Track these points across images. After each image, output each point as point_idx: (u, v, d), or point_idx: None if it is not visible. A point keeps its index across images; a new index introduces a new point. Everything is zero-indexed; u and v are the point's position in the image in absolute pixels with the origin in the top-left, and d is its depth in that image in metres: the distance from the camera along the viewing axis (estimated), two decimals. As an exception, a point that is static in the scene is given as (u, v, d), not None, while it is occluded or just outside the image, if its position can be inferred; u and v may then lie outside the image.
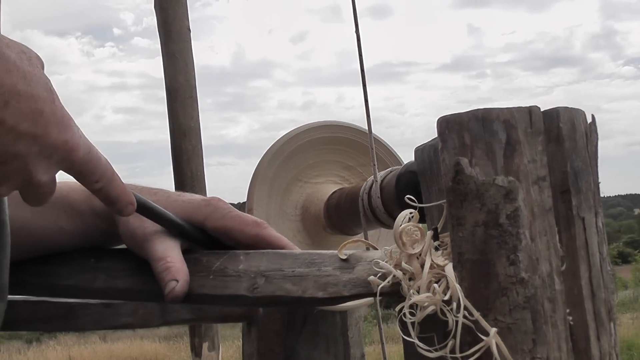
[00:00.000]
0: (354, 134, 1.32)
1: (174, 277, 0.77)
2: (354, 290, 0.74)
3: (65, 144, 0.63)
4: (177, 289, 0.77)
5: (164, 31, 2.96)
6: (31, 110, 0.60)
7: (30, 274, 0.90)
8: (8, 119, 0.58)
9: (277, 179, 1.29)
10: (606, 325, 0.72)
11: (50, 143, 0.62)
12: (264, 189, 1.27)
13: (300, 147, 1.29)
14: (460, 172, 0.68)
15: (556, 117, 0.73)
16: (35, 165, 0.62)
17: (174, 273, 0.78)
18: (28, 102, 0.60)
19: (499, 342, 0.65)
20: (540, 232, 0.68)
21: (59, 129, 0.62)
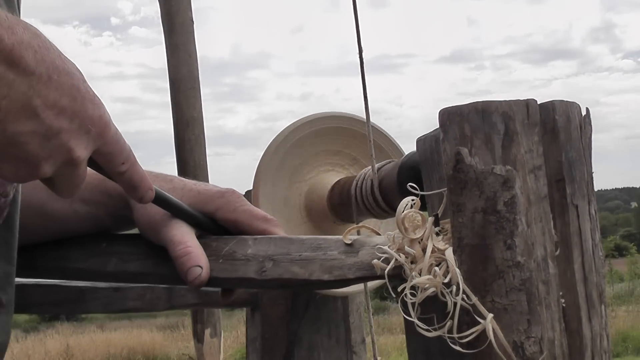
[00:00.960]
0: (359, 126, 1.35)
1: (197, 263, 0.79)
2: (359, 273, 0.77)
3: (100, 120, 0.64)
4: (202, 275, 0.79)
5: (168, 23, 2.99)
6: (69, 85, 0.61)
7: (42, 258, 0.91)
8: (51, 94, 0.59)
9: (283, 167, 1.32)
10: (597, 308, 0.76)
11: (88, 118, 0.63)
12: (269, 177, 1.30)
13: (306, 137, 1.32)
14: (460, 161, 0.72)
15: (552, 109, 0.77)
16: (76, 141, 0.62)
17: (195, 259, 0.79)
18: (66, 78, 0.60)
19: (494, 327, 0.68)
20: (536, 219, 0.72)
21: (94, 104, 0.63)
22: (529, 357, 0.69)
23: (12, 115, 0.57)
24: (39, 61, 0.58)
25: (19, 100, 0.57)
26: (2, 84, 0.56)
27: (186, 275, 0.79)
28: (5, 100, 0.56)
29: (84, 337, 15.83)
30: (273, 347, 1.37)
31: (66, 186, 0.67)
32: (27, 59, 0.57)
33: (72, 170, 0.64)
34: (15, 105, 0.57)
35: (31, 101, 0.58)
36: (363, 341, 1.43)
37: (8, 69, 0.56)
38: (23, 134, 0.58)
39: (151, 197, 0.75)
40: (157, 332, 16.65)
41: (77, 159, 0.63)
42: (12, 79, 0.56)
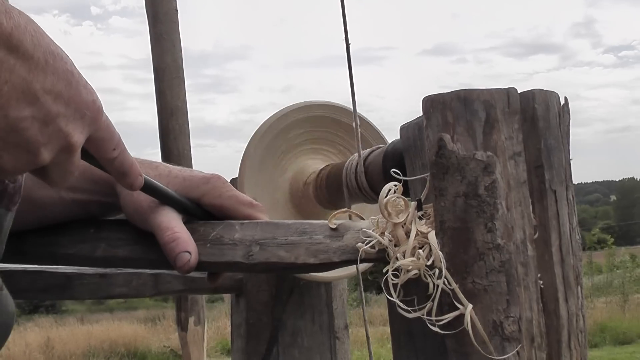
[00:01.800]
0: (342, 114, 1.37)
1: (185, 249, 0.80)
2: (344, 256, 0.79)
3: (94, 104, 0.64)
4: (192, 260, 0.80)
5: (152, 12, 3.00)
6: (64, 70, 0.60)
7: (32, 244, 0.92)
8: (48, 78, 0.59)
9: (268, 154, 1.34)
10: (574, 289, 0.78)
11: (83, 103, 0.62)
12: (254, 164, 1.31)
13: (292, 124, 1.34)
14: (443, 147, 0.74)
15: (532, 98, 0.79)
16: (73, 125, 0.62)
17: (183, 245, 0.80)
18: (61, 62, 0.60)
19: (473, 317, 0.71)
20: (516, 203, 0.75)
21: (87, 90, 0.63)
22: (508, 335, 0.71)
23: (13, 101, 0.57)
24: (36, 45, 0.58)
25: (19, 85, 0.57)
26: (3, 68, 0.56)
27: (175, 260, 0.80)
28: (7, 85, 0.56)
29: (64, 330, 15.74)
30: (257, 333, 1.38)
31: (61, 174, 0.66)
32: (26, 44, 0.57)
33: (68, 157, 0.64)
34: (16, 91, 0.57)
35: (31, 86, 0.58)
36: (346, 327, 1.45)
37: (8, 54, 0.56)
38: (24, 119, 0.58)
39: (141, 183, 0.74)
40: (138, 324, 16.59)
41: (74, 144, 0.63)
42: (12, 63, 0.56)
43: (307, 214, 1.35)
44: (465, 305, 0.71)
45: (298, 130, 1.35)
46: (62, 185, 0.68)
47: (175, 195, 0.84)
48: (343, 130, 1.38)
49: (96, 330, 15.53)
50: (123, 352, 14.00)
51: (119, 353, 13.94)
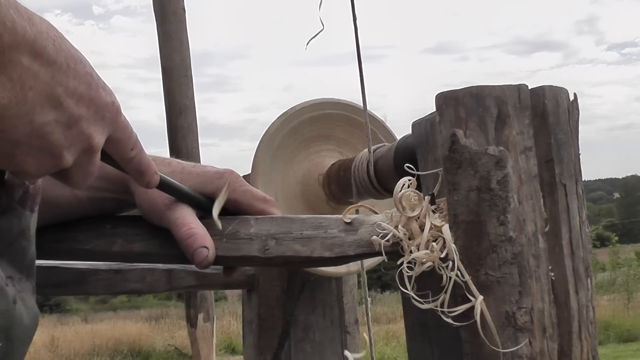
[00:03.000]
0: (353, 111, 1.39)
1: (203, 244, 0.81)
2: (359, 250, 0.81)
3: (113, 105, 0.65)
4: (210, 256, 0.81)
5: (160, 11, 3.02)
6: (84, 73, 0.61)
7: (48, 240, 0.93)
8: (71, 82, 0.60)
9: (280, 151, 1.35)
10: (584, 281, 0.80)
11: (103, 104, 0.63)
12: (266, 160, 1.33)
13: (302, 122, 1.36)
14: (455, 142, 0.76)
15: (542, 94, 0.81)
16: (94, 127, 0.63)
17: (200, 240, 0.81)
18: (81, 66, 0.61)
19: (483, 309, 0.72)
20: (527, 197, 0.76)
21: (105, 91, 0.64)
22: (520, 326, 0.73)
23: (38, 106, 0.58)
24: (58, 50, 0.59)
25: (43, 90, 0.58)
26: (28, 75, 0.57)
27: (193, 256, 0.81)
28: (32, 91, 0.57)
29: (68, 329, 15.78)
30: (269, 328, 1.40)
31: (81, 176, 0.67)
32: (49, 49, 0.58)
33: (89, 158, 0.65)
34: (41, 96, 0.58)
35: (54, 90, 0.59)
36: (356, 322, 1.47)
37: (33, 60, 0.57)
38: (48, 124, 0.59)
39: (157, 181, 0.75)
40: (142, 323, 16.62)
41: (95, 145, 0.64)
42: (37, 69, 0.57)
43: (318, 210, 1.37)
44: (477, 296, 0.73)
45: (309, 127, 1.37)
46: (82, 187, 0.69)
47: (189, 192, 0.85)
48: (354, 128, 1.40)
49: (100, 329, 15.56)
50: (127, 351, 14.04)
51: (123, 352, 13.98)
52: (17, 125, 0.58)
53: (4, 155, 0.59)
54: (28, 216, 0.71)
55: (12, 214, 0.68)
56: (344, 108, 1.39)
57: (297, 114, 1.36)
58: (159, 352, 13.96)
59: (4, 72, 0.56)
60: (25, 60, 0.56)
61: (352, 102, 1.39)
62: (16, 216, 0.69)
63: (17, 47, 0.56)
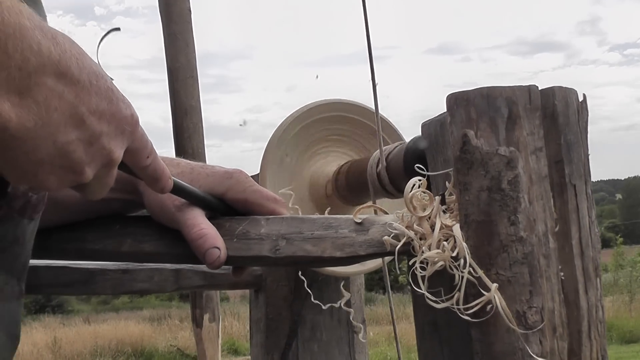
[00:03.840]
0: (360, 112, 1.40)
1: (214, 245, 0.81)
2: (369, 250, 0.81)
3: (132, 118, 0.65)
4: (221, 256, 0.81)
5: (166, 12, 3.03)
6: (105, 88, 0.62)
7: (57, 240, 0.93)
8: (93, 100, 0.60)
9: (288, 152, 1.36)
10: (593, 280, 0.81)
11: (123, 118, 0.64)
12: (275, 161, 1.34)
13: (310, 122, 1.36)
14: (467, 142, 0.76)
15: (552, 95, 0.82)
16: (114, 142, 0.63)
17: (211, 241, 0.81)
18: (102, 81, 0.61)
19: (498, 297, 0.73)
20: (537, 197, 0.77)
21: (125, 104, 0.64)
22: (531, 325, 0.74)
23: (62, 126, 0.58)
24: (81, 69, 0.59)
25: (67, 110, 0.58)
26: (53, 96, 0.57)
27: (204, 257, 0.81)
28: (56, 112, 0.57)
29: (70, 330, 15.78)
30: (277, 327, 1.41)
31: (99, 187, 0.67)
32: (73, 68, 0.58)
33: (108, 171, 0.66)
34: (65, 116, 0.58)
35: (78, 109, 0.59)
36: (364, 321, 1.48)
37: (58, 81, 0.57)
38: (71, 143, 0.59)
39: (171, 186, 0.76)
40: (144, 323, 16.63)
41: (116, 159, 0.65)
42: (61, 90, 0.57)
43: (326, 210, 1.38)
44: (490, 286, 0.73)
45: (318, 128, 1.38)
46: (99, 197, 0.69)
47: (200, 194, 0.85)
48: (362, 128, 1.41)
49: (103, 329, 15.57)
50: (130, 352, 14.04)
51: (126, 352, 13.99)
52: (40, 145, 0.58)
53: (26, 173, 0.60)
54: (25, 224, 0.71)
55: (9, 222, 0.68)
56: (351, 108, 1.40)
57: (304, 115, 1.37)
58: (161, 353, 13.97)
59: (30, 94, 0.56)
60: (51, 81, 0.56)
61: (360, 102, 1.39)
62: (13, 224, 0.69)
63: (42, 69, 0.56)
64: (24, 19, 0.55)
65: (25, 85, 0.55)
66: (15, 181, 0.61)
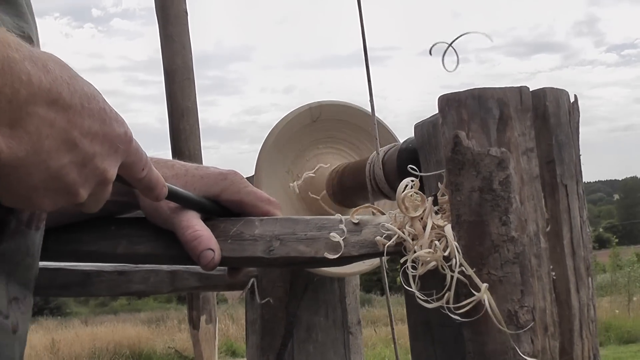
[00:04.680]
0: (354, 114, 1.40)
1: (208, 246, 0.82)
2: (362, 250, 0.82)
3: (126, 136, 0.66)
4: (215, 258, 0.82)
5: (162, 14, 3.04)
6: (98, 110, 0.62)
7: (53, 241, 0.93)
8: (86, 122, 0.60)
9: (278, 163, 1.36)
10: (585, 280, 0.81)
11: (116, 137, 0.64)
12: (269, 164, 1.34)
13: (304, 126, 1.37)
14: (458, 143, 0.77)
15: (543, 96, 0.82)
16: (108, 161, 0.64)
17: (206, 242, 0.82)
18: (94, 102, 0.61)
19: (488, 297, 0.74)
20: (529, 197, 0.77)
21: (118, 122, 0.65)
22: (522, 324, 0.74)
23: (54, 152, 0.58)
24: (72, 93, 0.59)
25: (59, 136, 0.58)
26: (44, 124, 0.57)
27: (199, 258, 0.82)
28: (48, 140, 0.57)
29: (69, 332, 15.76)
30: (272, 328, 1.41)
31: (94, 203, 0.68)
32: (64, 94, 0.58)
33: (103, 189, 0.66)
34: (57, 142, 0.58)
35: (70, 134, 0.59)
36: (359, 322, 1.48)
37: (49, 109, 0.57)
38: (64, 167, 0.60)
39: (165, 193, 0.76)
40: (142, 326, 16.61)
41: (110, 178, 0.65)
42: (53, 117, 0.57)
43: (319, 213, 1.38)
44: (481, 286, 0.74)
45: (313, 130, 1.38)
46: (95, 211, 0.70)
47: (195, 198, 0.85)
48: (356, 130, 1.41)
49: (101, 332, 15.55)
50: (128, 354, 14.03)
51: (124, 354, 13.97)
52: (33, 172, 0.58)
53: (21, 198, 0.60)
54: (33, 234, 0.72)
55: (20, 235, 0.69)
56: (346, 110, 1.41)
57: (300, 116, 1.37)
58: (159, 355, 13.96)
59: (21, 125, 0.56)
60: (42, 110, 0.57)
61: (356, 105, 1.40)
62: (23, 237, 0.69)
63: (33, 100, 0.56)
64: (12, 51, 0.55)
65: (16, 117, 0.55)
66: (9, 205, 0.62)
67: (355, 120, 1.42)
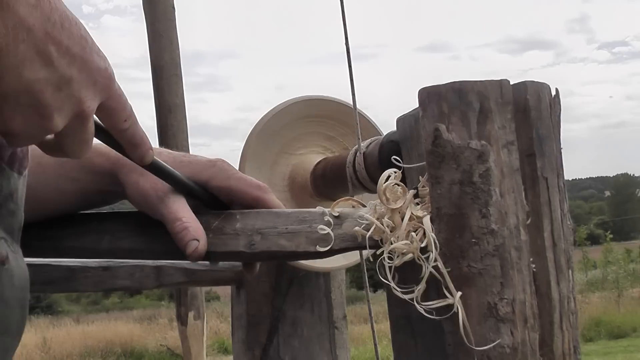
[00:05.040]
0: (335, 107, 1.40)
1: (194, 237, 0.81)
2: (343, 244, 0.82)
3: (106, 71, 0.64)
4: (200, 248, 0.81)
5: (150, 10, 3.04)
6: (79, 35, 0.61)
7: (36, 237, 0.93)
8: (65, 41, 0.59)
9: (265, 153, 1.36)
10: (565, 272, 0.81)
11: (96, 68, 0.63)
12: (253, 164, 1.34)
13: (284, 123, 1.37)
14: (438, 137, 0.77)
15: (524, 89, 0.82)
16: (85, 91, 0.62)
17: (192, 233, 0.81)
18: (76, 27, 0.61)
19: (460, 307, 0.74)
20: (509, 190, 0.77)
21: (99, 56, 0.64)
22: (502, 317, 0.74)
23: (28, 61, 0.57)
24: (53, 9, 0.58)
25: (35, 45, 0.57)
26: (22, 27, 0.56)
27: (185, 248, 0.81)
28: (24, 44, 0.57)
29: (60, 331, 15.75)
30: (258, 323, 1.41)
31: (76, 143, 0.66)
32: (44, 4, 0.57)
33: (82, 123, 0.64)
34: (32, 51, 0.57)
35: (46, 47, 0.58)
36: (344, 317, 1.48)
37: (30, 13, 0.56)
38: (38, 82, 0.58)
39: (151, 157, 0.75)
40: (134, 323, 16.60)
41: (86, 109, 0.63)
42: (31, 23, 0.57)
43: (301, 202, 1.38)
44: (454, 292, 0.74)
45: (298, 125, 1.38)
46: (79, 156, 0.68)
47: (182, 178, 0.84)
48: (342, 125, 1.41)
49: (92, 330, 15.54)
50: (120, 352, 14.02)
51: (116, 352, 13.97)
52: (4, 77, 0.57)
53: None
54: (16, 178, 0.70)
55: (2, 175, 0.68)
56: (331, 105, 1.40)
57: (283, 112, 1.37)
58: (151, 353, 13.95)
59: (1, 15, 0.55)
60: (23, 10, 0.56)
61: (339, 99, 1.40)
62: (5, 177, 0.68)
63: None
64: None
65: None
66: None
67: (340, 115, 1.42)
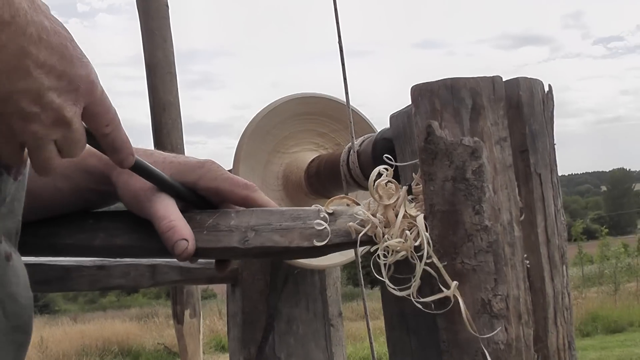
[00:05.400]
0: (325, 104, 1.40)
1: (182, 237, 0.82)
2: (336, 240, 0.82)
3: (88, 78, 0.66)
4: (189, 248, 0.82)
5: (143, 8, 3.04)
6: (58, 44, 0.63)
7: (31, 235, 0.93)
8: (41, 54, 0.61)
9: (258, 154, 1.36)
10: (559, 268, 0.81)
11: (76, 76, 0.65)
12: (246, 164, 1.34)
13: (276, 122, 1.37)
14: (431, 133, 0.77)
15: (516, 86, 0.82)
16: (65, 97, 0.64)
17: (180, 232, 0.82)
18: (55, 37, 0.63)
19: (457, 295, 0.74)
20: (502, 186, 0.78)
21: (81, 63, 0.66)
22: (496, 313, 0.74)
23: (4, 75, 0.60)
24: (29, 22, 0.60)
25: (10, 61, 0.60)
26: None
27: (173, 249, 0.82)
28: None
29: (57, 329, 15.72)
30: (253, 321, 1.41)
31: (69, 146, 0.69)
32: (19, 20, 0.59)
33: (67, 129, 0.66)
34: (8, 66, 0.60)
35: (22, 62, 0.60)
36: (340, 314, 1.48)
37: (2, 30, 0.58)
38: (16, 92, 0.61)
39: (131, 162, 0.77)
40: (131, 322, 16.58)
41: (66, 115, 0.65)
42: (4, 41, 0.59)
43: (295, 200, 1.38)
44: (450, 283, 0.74)
45: (291, 123, 1.38)
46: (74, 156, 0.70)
47: (167, 179, 0.85)
48: (335, 122, 1.41)
49: (89, 329, 15.51)
50: (117, 350, 14.00)
51: (113, 351, 13.95)
52: None
53: None
54: (11, 184, 0.72)
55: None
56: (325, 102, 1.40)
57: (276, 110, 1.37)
58: (148, 351, 13.94)
59: None
60: None
61: (333, 96, 1.40)
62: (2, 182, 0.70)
63: None
64: None
65: None
66: None
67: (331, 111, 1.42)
